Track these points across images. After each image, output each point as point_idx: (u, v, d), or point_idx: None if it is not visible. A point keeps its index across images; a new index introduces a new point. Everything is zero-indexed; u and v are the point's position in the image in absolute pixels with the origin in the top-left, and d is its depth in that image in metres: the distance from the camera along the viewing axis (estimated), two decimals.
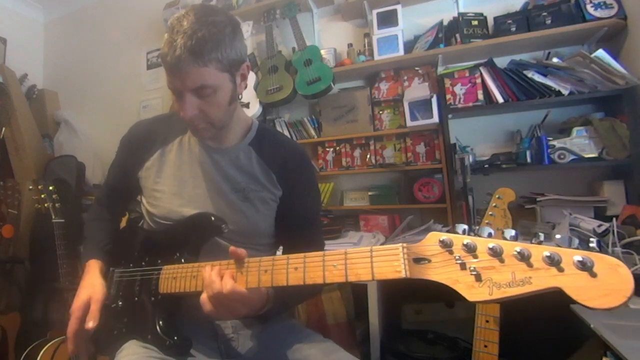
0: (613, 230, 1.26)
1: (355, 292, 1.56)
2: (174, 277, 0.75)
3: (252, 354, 0.85)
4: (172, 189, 0.87)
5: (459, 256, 0.46)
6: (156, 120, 0.97)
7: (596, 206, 1.55)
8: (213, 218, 0.80)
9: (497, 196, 1.05)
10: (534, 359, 1.33)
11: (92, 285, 0.84)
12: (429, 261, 0.48)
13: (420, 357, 1.40)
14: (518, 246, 0.42)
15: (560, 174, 1.67)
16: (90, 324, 0.78)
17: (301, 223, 0.90)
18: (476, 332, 1.04)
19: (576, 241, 0.41)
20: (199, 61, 0.71)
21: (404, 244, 0.51)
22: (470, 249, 0.45)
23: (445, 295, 1.60)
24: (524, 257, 0.41)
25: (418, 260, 0.49)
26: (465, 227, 0.48)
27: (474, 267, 0.44)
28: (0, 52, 2.71)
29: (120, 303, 0.85)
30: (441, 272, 0.47)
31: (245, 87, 0.85)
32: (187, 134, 0.91)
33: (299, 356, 0.80)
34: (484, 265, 0.44)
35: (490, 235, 0.46)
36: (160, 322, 0.77)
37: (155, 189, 0.88)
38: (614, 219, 1.31)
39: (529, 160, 1.61)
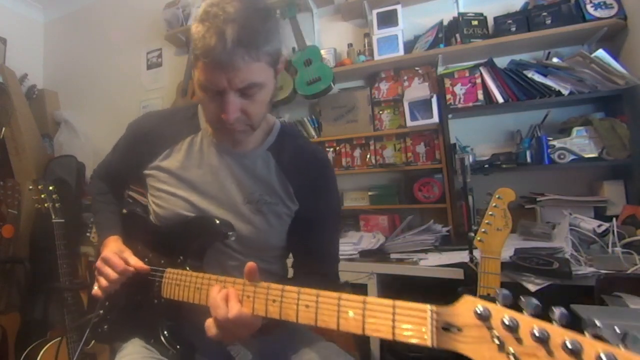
0: (613, 230, 1.26)
1: (355, 292, 1.56)
2: (177, 284, 0.72)
3: (255, 358, 0.84)
4: (178, 192, 0.81)
5: (499, 336, 0.39)
6: (167, 115, 0.90)
7: (596, 206, 1.55)
8: (218, 221, 0.77)
9: (497, 196, 1.05)
10: None
11: (119, 245, 0.82)
12: (460, 330, 0.42)
13: (420, 357, 1.40)
14: (568, 338, 0.36)
15: (560, 174, 1.67)
16: (140, 265, 0.77)
17: (316, 236, 0.84)
18: None
19: (630, 337, 0.34)
20: (254, 55, 0.63)
21: (433, 308, 0.45)
22: (512, 330, 0.38)
23: (445, 295, 1.60)
24: (574, 353, 0.35)
25: (447, 327, 0.43)
26: (507, 293, 0.41)
27: (515, 353, 0.38)
28: (0, 52, 2.71)
29: (124, 299, 0.84)
30: (474, 347, 0.41)
31: None
32: (199, 133, 0.83)
33: None
34: (526, 351, 0.37)
35: (537, 309, 0.39)
36: (165, 332, 0.76)
37: (161, 189, 0.83)
38: (614, 219, 1.31)
39: (529, 160, 1.61)
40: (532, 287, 1.16)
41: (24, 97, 2.64)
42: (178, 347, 0.74)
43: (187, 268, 0.75)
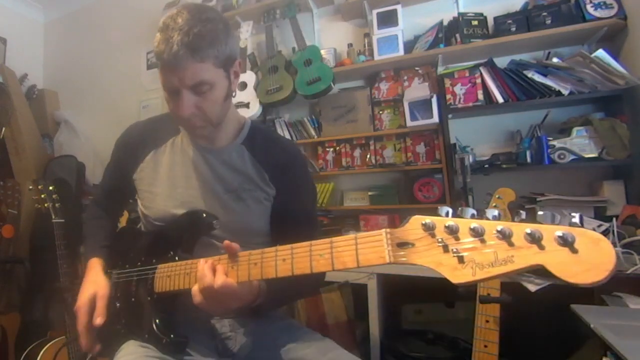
0: (613, 230, 1.26)
1: (355, 292, 1.56)
2: (168, 276, 0.76)
3: (249, 353, 0.85)
4: (165, 190, 0.87)
5: (442, 239, 0.45)
6: (149, 122, 0.97)
7: (596, 206, 1.55)
8: (204, 215, 0.81)
9: (497, 196, 1.05)
10: (533, 359, 1.33)
11: (95, 282, 0.85)
12: (413, 245, 0.48)
13: (420, 357, 1.40)
14: (499, 225, 0.42)
15: (560, 174, 1.67)
16: (99, 319, 0.79)
17: (296, 221, 0.89)
18: (476, 332, 1.04)
19: (558, 217, 0.40)
20: (197, 57, 0.71)
21: (388, 229, 0.50)
22: (453, 231, 0.45)
23: (445, 295, 1.60)
24: (505, 236, 0.41)
25: (402, 244, 0.49)
26: (449, 209, 0.47)
27: (457, 249, 0.44)
28: (0, 52, 2.71)
29: (118, 304, 0.85)
30: (425, 255, 0.47)
31: (244, 86, 0.84)
32: (179, 135, 0.91)
33: (297, 355, 0.80)
34: (467, 246, 0.44)
35: (473, 215, 0.45)
36: (157, 321, 0.77)
37: (149, 190, 0.89)
38: (614, 219, 1.31)
39: (529, 160, 1.61)
40: (532, 287, 1.16)
41: (24, 97, 2.64)
42: (172, 335, 0.76)
43: (177, 259, 0.78)
